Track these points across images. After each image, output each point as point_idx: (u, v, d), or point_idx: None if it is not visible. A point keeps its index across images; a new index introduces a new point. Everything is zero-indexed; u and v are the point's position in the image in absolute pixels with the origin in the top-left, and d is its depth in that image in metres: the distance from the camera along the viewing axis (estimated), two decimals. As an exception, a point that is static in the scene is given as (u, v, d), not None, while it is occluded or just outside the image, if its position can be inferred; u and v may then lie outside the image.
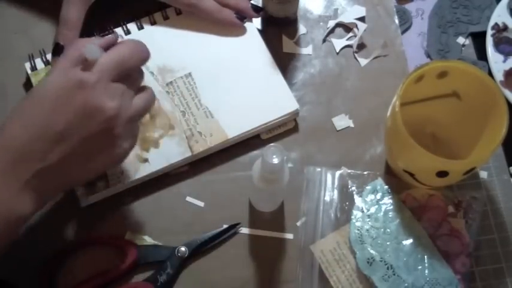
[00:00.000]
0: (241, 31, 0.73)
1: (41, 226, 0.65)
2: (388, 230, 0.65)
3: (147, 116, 0.68)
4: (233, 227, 0.66)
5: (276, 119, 0.69)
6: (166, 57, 0.71)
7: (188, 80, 0.70)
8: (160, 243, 0.65)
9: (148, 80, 0.69)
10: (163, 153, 0.67)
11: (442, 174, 0.60)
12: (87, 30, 0.71)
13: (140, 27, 0.73)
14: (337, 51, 0.75)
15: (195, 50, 0.72)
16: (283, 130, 0.70)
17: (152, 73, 0.70)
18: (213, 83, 0.70)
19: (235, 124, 0.68)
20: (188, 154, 0.67)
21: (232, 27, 0.72)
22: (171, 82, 0.70)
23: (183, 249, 0.64)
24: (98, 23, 0.72)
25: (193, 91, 0.70)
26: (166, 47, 0.72)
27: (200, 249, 0.65)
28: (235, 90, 0.70)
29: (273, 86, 0.70)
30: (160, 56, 0.71)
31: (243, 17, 0.72)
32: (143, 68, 0.65)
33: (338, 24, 0.76)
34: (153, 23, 0.73)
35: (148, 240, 0.65)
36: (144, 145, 0.67)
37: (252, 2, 0.74)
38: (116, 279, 0.63)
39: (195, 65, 0.71)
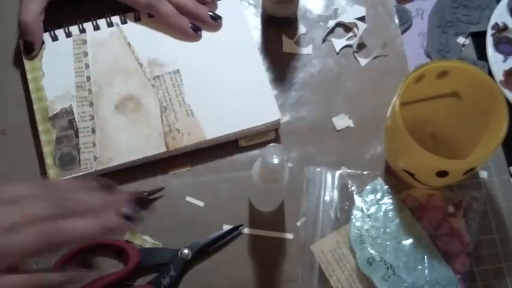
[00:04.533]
0: (195, 39, 0.72)
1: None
2: (388, 230, 0.65)
3: (130, 106, 0.68)
4: (236, 228, 0.66)
5: (256, 126, 0.69)
6: (158, 51, 0.71)
7: (175, 77, 0.70)
8: (161, 245, 0.65)
9: (135, 72, 0.70)
10: (138, 145, 0.67)
11: (442, 174, 0.60)
12: (88, 16, 0.72)
13: (138, 19, 0.73)
14: (337, 51, 0.75)
15: (188, 48, 0.72)
16: (262, 140, 0.70)
17: (141, 64, 0.70)
18: (199, 82, 0.70)
19: (215, 126, 0.68)
20: (163, 149, 0.67)
21: (186, 36, 0.72)
22: (158, 76, 0.70)
23: (186, 251, 0.64)
24: (96, 11, 0.73)
25: (179, 88, 0.70)
26: (160, 41, 0.72)
27: (203, 251, 0.65)
28: (221, 93, 0.70)
29: (259, 93, 0.70)
30: (153, 48, 0.71)
31: (197, 28, 0.72)
32: (133, 58, 0.68)
33: (338, 24, 0.76)
34: (150, 15, 0.73)
35: (148, 240, 0.65)
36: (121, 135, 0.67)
37: (218, 8, 0.73)
38: (118, 283, 0.63)
39: (185, 63, 0.71)
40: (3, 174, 0.67)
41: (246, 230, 0.66)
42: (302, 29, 0.76)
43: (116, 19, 0.73)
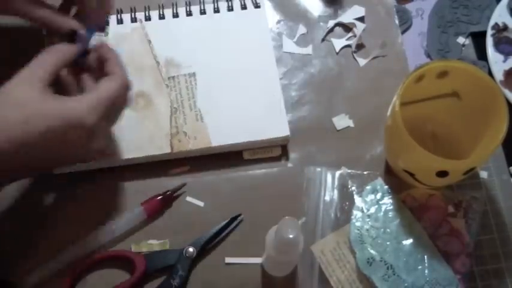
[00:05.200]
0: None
1: (40, 224, 0.65)
2: (388, 230, 0.65)
3: (141, 103, 0.68)
4: (234, 219, 0.66)
5: (263, 140, 0.68)
6: (176, 51, 0.71)
7: (190, 80, 0.70)
8: (168, 242, 0.65)
9: (151, 69, 0.70)
10: (143, 143, 0.67)
11: (442, 174, 0.60)
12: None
13: (162, 17, 0.73)
14: (337, 51, 0.75)
15: (207, 53, 0.71)
16: (267, 156, 0.69)
17: (158, 63, 0.70)
18: (213, 88, 0.70)
19: (222, 134, 0.68)
20: (167, 151, 0.67)
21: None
22: (173, 77, 0.70)
23: (190, 249, 0.64)
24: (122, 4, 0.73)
25: (192, 91, 0.70)
26: (181, 42, 0.72)
27: (206, 247, 0.65)
28: (233, 102, 0.69)
29: (271, 107, 0.69)
30: (172, 48, 0.71)
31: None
32: (152, 56, 0.69)
33: (338, 24, 0.76)
34: (175, 15, 0.73)
35: (154, 242, 0.65)
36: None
37: (243, 19, 0.73)
38: None
39: (201, 67, 0.71)
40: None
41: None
42: (302, 29, 0.76)
43: (140, 15, 0.73)
